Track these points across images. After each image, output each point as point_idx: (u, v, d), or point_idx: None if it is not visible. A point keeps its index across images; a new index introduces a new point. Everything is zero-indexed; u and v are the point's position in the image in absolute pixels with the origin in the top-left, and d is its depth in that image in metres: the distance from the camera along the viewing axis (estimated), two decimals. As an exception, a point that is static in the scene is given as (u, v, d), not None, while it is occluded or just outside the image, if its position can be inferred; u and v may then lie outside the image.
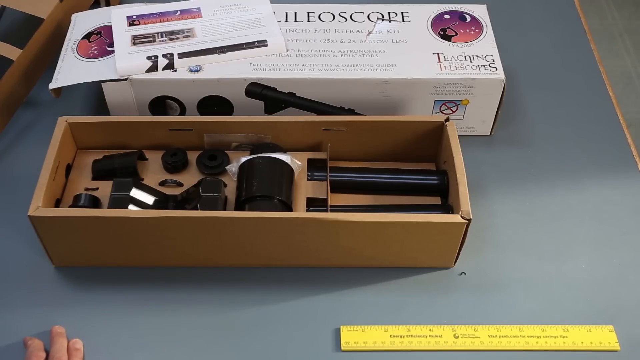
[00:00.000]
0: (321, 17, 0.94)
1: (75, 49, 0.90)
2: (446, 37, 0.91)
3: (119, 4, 1.05)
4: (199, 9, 0.93)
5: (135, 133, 0.82)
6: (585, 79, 1.00)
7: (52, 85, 0.86)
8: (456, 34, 0.91)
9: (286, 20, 0.93)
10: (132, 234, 0.74)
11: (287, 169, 0.79)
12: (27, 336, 0.72)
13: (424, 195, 0.82)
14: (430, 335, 0.73)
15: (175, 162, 0.82)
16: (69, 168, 0.82)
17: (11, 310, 0.75)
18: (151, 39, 0.89)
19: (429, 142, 0.83)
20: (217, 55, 0.87)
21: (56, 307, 0.75)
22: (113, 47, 0.88)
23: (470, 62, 0.87)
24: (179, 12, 0.93)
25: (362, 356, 0.72)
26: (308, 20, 0.93)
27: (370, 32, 0.91)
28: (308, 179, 0.82)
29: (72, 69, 0.87)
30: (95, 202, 0.78)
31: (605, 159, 0.90)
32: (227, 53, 0.87)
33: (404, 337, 0.73)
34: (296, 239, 0.75)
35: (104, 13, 0.94)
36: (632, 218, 0.84)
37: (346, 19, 0.93)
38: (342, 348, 0.72)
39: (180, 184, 0.81)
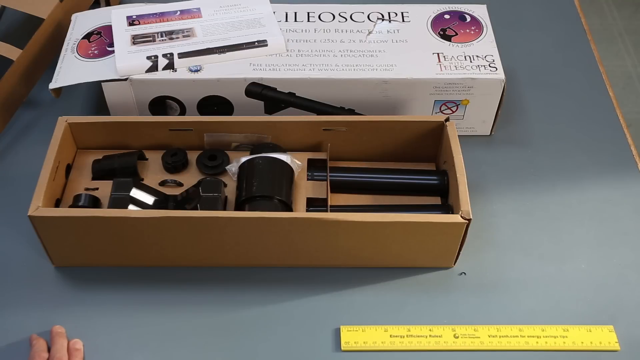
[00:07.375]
0: (321, 17, 0.94)
1: (75, 49, 0.90)
2: (446, 37, 0.91)
3: (119, 4, 1.05)
4: (198, 9, 0.93)
5: (135, 133, 0.82)
6: (585, 79, 1.00)
7: (52, 85, 0.86)
8: (456, 34, 0.91)
9: (286, 20, 0.93)
10: (132, 234, 0.74)
11: (287, 169, 0.79)
12: (34, 334, 0.72)
13: (424, 195, 0.82)
14: (430, 335, 0.73)
15: (175, 162, 0.82)
16: (69, 168, 0.82)
17: (11, 310, 0.75)
18: (151, 38, 0.89)
19: (429, 142, 0.83)
20: (217, 55, 0.87)
21: (56, 307, 0.75)
22: (113, 47, 0.88)
23: (470, 62, 0.87)
24: (178, 12, 0.93)
25: (362, 356, 0.72)
26: (308, 20, 0.93)
27: (370, 32, 0.91)
28: (308, 179, 0.82)
29: (72, 69, 0.87)
30: (95, 202, 0.78)
31: (605, 159, 0.90)
32: (227, 53, 0.87)
33: (404, 337, 0.73)
34: (296, 239, 0.75)
35: (104, 13, 0.94)
36: (632, 218, 0.84)
37: (346, 19, 0.93)
38: (342, 348, 0.72)
39: (180, 184, 0.81)
